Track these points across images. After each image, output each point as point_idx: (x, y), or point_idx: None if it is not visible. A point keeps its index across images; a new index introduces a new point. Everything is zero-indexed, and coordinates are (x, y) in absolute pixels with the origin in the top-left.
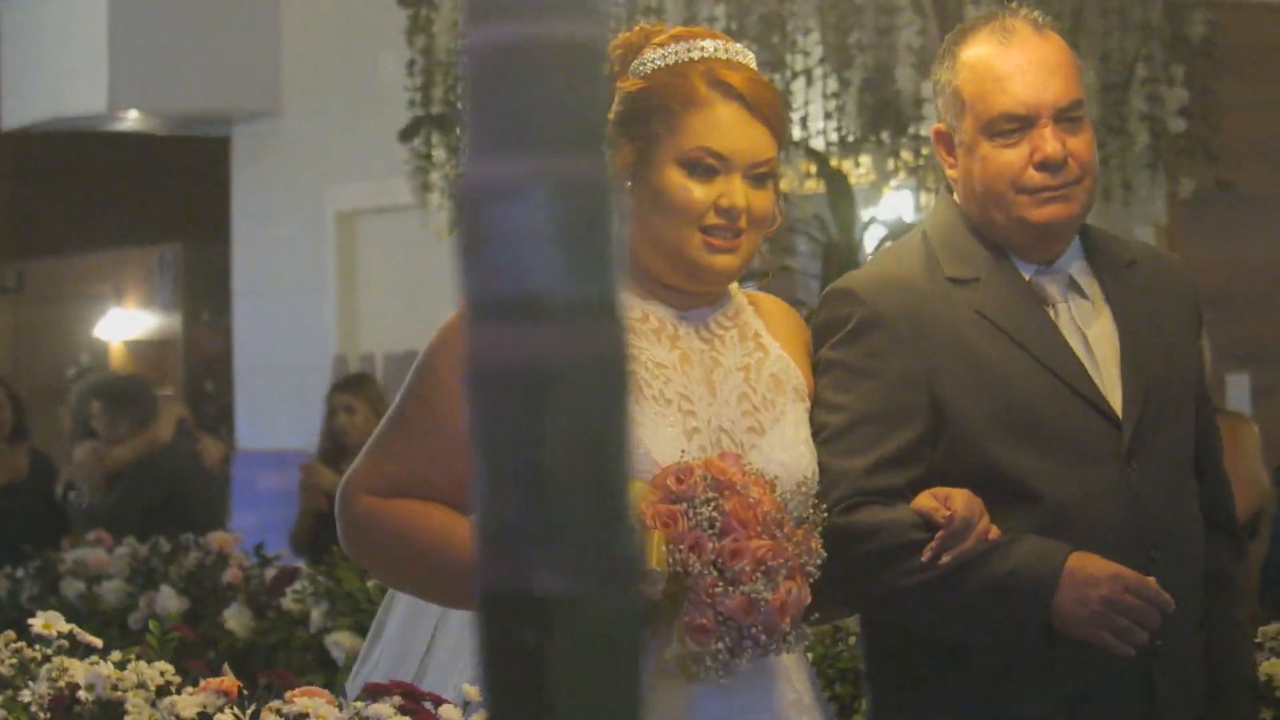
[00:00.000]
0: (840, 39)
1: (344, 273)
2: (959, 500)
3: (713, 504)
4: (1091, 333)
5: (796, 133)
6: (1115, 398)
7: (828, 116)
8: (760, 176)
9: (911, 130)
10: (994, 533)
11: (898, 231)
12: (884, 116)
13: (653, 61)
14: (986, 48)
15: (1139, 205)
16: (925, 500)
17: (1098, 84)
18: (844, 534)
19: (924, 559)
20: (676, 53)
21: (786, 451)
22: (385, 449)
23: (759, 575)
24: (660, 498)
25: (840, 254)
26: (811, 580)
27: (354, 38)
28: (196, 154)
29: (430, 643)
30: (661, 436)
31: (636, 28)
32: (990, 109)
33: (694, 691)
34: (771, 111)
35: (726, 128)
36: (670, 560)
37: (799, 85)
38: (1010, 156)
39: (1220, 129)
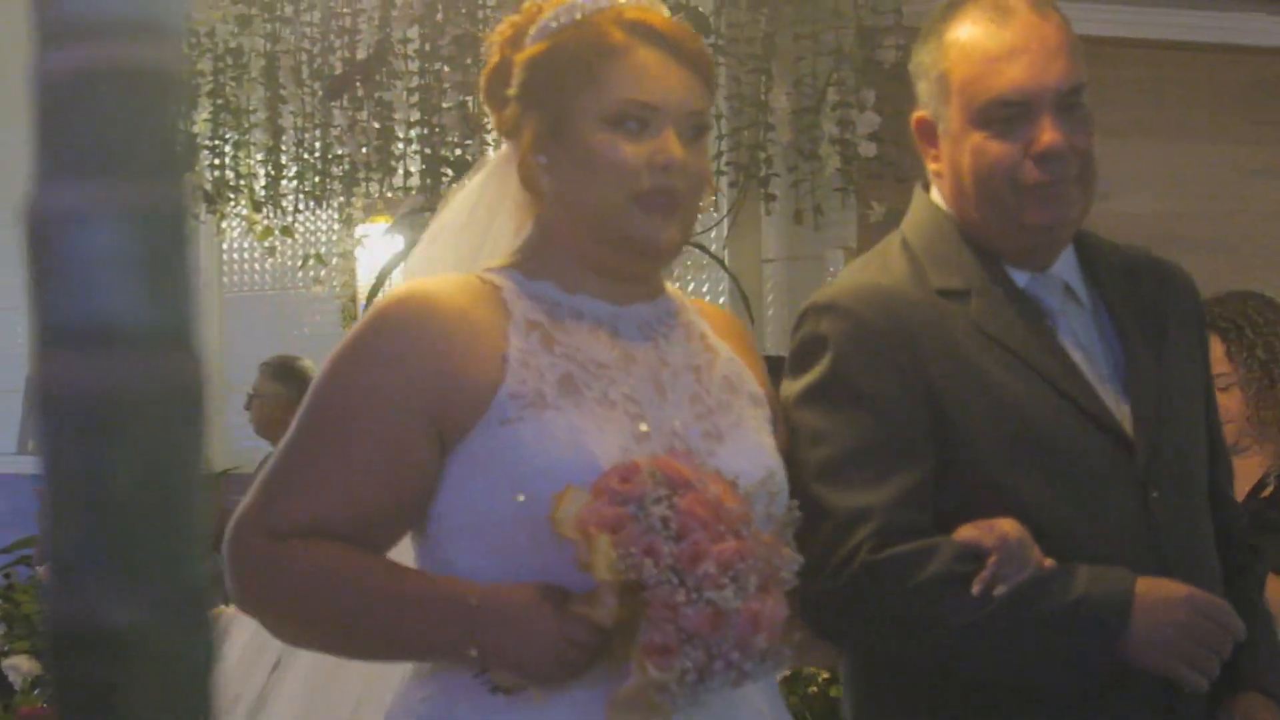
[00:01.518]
0: None
1: None
2: (1008, 526)
3: (665, 502)
4: (1092, 347)
5: (490, 154)
6: (1125, 419)
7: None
8: (695, 130)
9: None
10: (1047, 563)
11: None
12: None
13: (554, 21)
14: (978, 26)
15: (830, 229)
16: (968, 531)
17: (789, 108)
18: (877, 573)
19: (975, 590)
20: (580, 7)
21: (749, 459)
22: (283, 484)
23: (726, 581)
24: (602, 501)
25: None
26: (787, 589)
27: None
28: None
29: (263, 691)
30: (608, 442)
31: (524, 6)
32: (982, 94)
33: None
34: (699, 56)
35: (652, 74)
36: (621, 568)
37: None
38: (1005, 148)
39: (911, 153)
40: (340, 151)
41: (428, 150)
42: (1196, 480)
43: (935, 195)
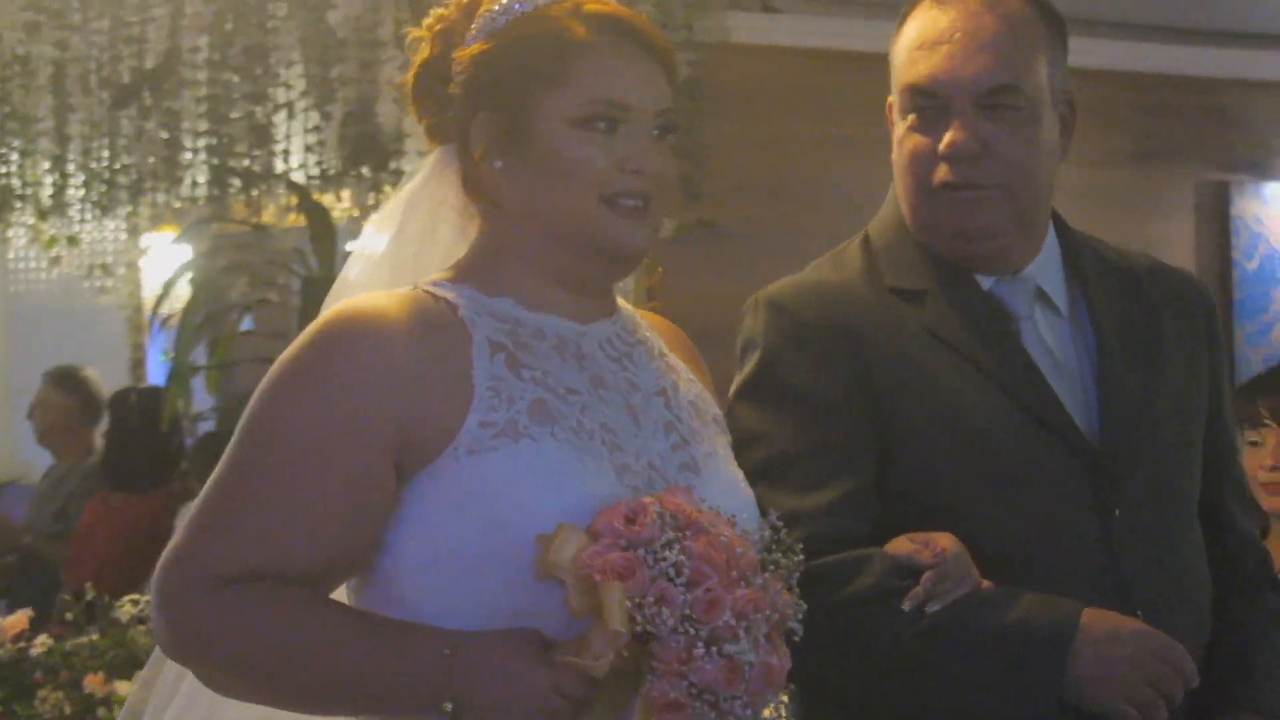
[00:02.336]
0: (322, 72)
1: None
2: (946, 541)
3: (677, 546)
4: (1063, 354)
5: (279, 165)
6: (1092, 430)
7: (309, 150)
8: (663, 130)
9: (393, 165)
10: (985, 585)
11: None
12: (365, 150)
13: (502, 15)
14: (923, 11)
15: None
16: (902, 544)
17: None
18: (801, 584)
19: (906, 606)
20: (530, 1)
21: (727, 494)
22: (220, 523)
23: (741, 633)
24: (606, 544)
25: (320, 288)
26: (796, 638)
27: None
28: None
29: None
30: (590, 475)
31: (452, 2)
32: (901, 81)
33: None
34: (665, 51)
35: (621, 71)
36: (636, 619)
37: (281, 118)
38: (921, 143)
39: (704, 168)
40: (127, 161)
41: (215, 160)
42: (1178, 499)
43: None
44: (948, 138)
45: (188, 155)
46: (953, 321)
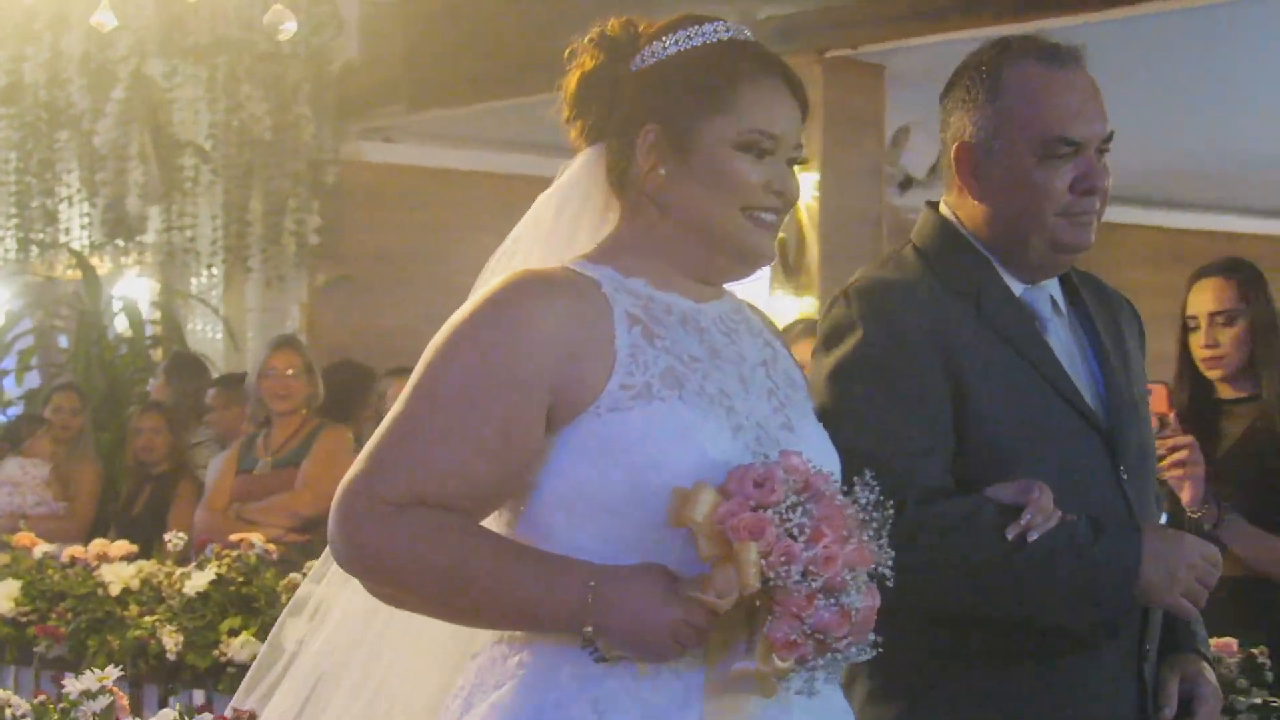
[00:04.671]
0: (91, 177)
1: None
2: (1038, 485)
3: (801, 509)
4: (1071, 351)
5: (61, 237)
6: (1100, 414)
7: (83, 228)
8: (794, 160)
9: (138, 238)
10: (1067, 518)
11: (130, 306)
12: (120, 228)
13: (674, 46)
14: (1039, 67)
15: (289, 290)
16: (1001, 489)
17: (263, 209)
18: (923, 525)
19: (1010, 536)
20: (699, 34)
21: (817, 450)
22: (398, 453)
23: (850, 583)
24: (737, 504)
25: (90, 319)
26: (888, 583)
27: None
28: None
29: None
30: (710, 433)
31: (611, 24)
32: (1048, 129)
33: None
34: (804, 94)
35: (778, 106)
36: (770, 576)
37: (64, 206)
38: (1058, 179)
39: (344, 241)
40: None
41: (20, 234)
42: (1150, 467)
43: (945, 211)
44: (1095, 177)
45: (1, 231)
46: (1004, 320)
